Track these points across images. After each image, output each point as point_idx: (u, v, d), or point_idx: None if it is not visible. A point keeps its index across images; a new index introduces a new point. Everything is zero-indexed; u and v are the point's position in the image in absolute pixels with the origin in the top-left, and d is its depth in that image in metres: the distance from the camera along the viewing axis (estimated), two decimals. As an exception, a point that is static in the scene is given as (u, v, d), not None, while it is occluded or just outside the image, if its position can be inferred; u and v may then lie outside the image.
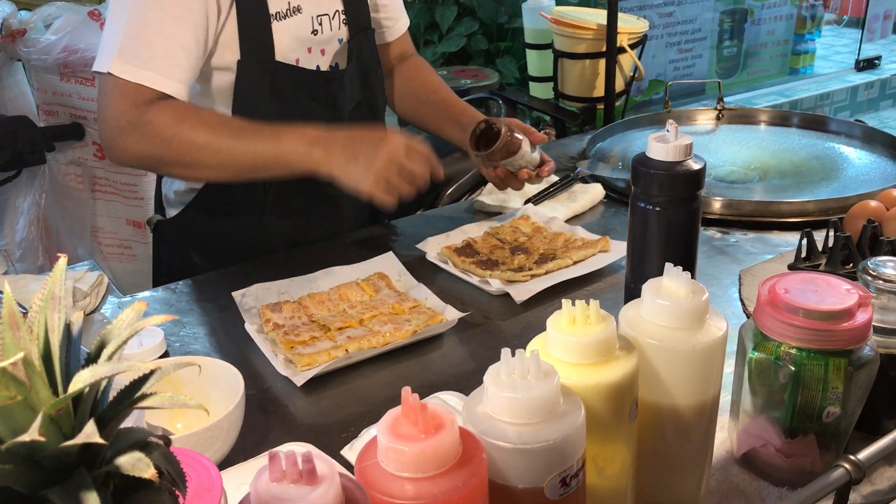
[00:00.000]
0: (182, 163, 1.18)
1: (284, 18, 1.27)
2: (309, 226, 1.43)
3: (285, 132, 1.19)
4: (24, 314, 0.43)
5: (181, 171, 1.23)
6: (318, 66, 1.35)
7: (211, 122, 1.19)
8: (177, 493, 0.44)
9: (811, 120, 1.90)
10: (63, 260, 0.45)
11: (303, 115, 1.32)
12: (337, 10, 1.36)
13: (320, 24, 1.33)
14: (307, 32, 1.31)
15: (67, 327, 0.44)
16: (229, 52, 1.24)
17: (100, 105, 1.19)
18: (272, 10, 1.25)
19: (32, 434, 0.36)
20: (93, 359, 0.43)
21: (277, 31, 1.26)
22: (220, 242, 1.41)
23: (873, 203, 1.13)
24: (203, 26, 1.19)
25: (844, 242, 0.98)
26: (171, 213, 1.43)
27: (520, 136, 1.34)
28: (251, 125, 1.20)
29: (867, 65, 5.26)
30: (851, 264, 0.98)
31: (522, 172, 1.37)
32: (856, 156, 1.73)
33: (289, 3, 1.27)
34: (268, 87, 1.27)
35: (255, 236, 1.39)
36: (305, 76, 1.32)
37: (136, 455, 0.40)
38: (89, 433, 0.38)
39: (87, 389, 0.41)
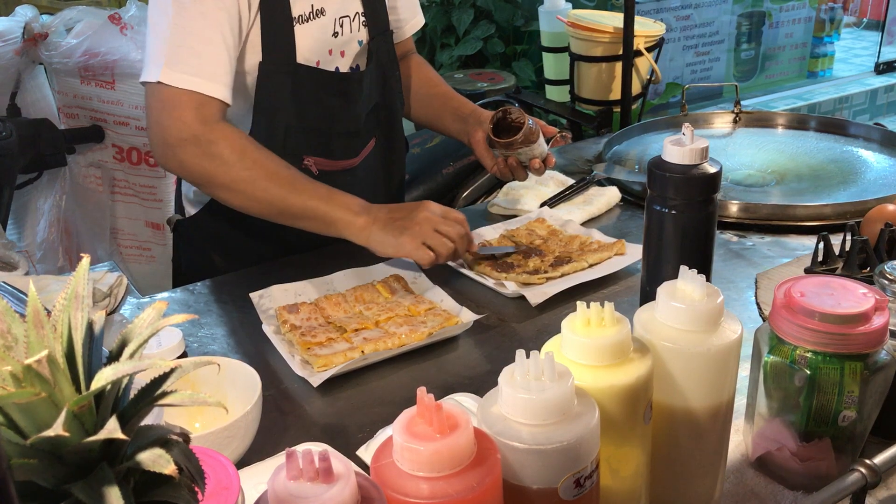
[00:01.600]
0: (233, 189, 1.20)
1: (307, 21, 1.28)
2: None
3: (337, 196, 1.22)
4: (47, 314, 0.43)
5: (226, 195, 1.23)
6: (337, 68, 1.36)
7: (271, 164, 1.21)
8: (196, 489, 0.45)
9: (829, 123, 1.89)
10: (86, 260, 0.46)
11: (321, 115, 1.33)
12: (357, 13, 1.37)
13: (341, 26, 1.34)
14: (328, 35, 1.32)
15: (90, 326, 0.44)
16: (252, 55, 1.26)
17: (156, 115, 1.20)
18: (295, 13, 1.26)
19: (56, 430, 0.37)
20: (114, 357, 0.44)
21: (300, 33, 1.28)
22: (239, 242, 1.42)
23: (891, 207, 1.13)
24: (238, 30, 1.21)
25: (861, 246, 0.98)
26: (191, 212, 1.45)
27: (538, 133, 1.37)
28: (305, 178, 1.23)
29: (887, 68, 5.21)
30: (868, 268, 0.98)
31: (534, 162, 1.39)
32: (874, 159, 1.71)
33: (311, 5, 1.29)
34: (289, 89, 1.29)
35: (273, 236, 1.40)
36: (325, 78, 1.33)
37: (157, 451, 0.41)
38: (111, 429, 0.39)
39: (108, 387, 0.42)
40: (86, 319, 0.44)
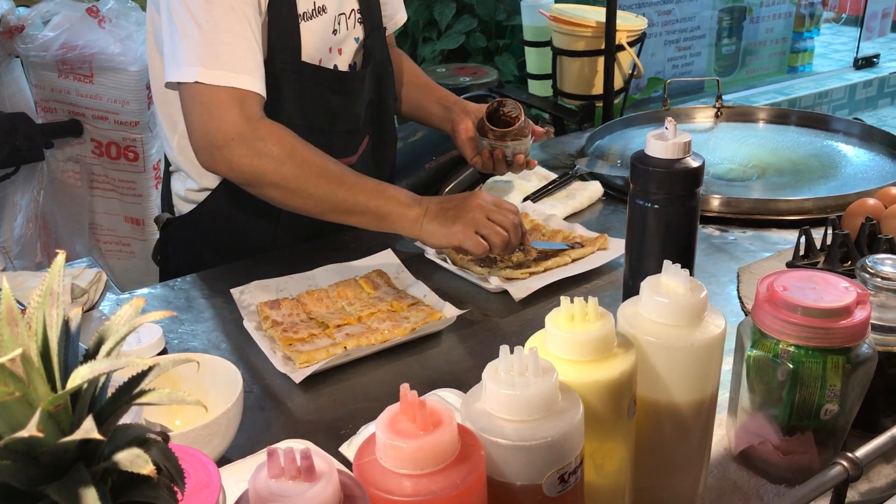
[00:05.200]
0: (282, 187, 1.18)
1: (311, 19, 1.27)
2: (322, 222, 1.43)
3: (390, 190, 1.21)
4: (23, 310, 0.42)
5: (275, 193, 1.20)
6: (336, 66, 1.35)
7: (321, 159, 1.19)
8: (175, 489, 0.44)
9: (809, 118, 1.90)
10: (61, 256, 0.45)
11: (324, 114, 1.32)
12: (353, 10, 1.36)
13: (339, 23, 1.33)
14: (329, 32, 1.32)
15: (66, 323, 0.43)
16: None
17: (198, 118, 1.16)
18: (300, 10, 1.25)
19: (31, 430, 0.36)
20: (91, 355, 0.43)
21: (304, 31, 1.26)
22: (235, 238, 1.40)
23: (871, 201, 1.14)
24: (259, 24, 1.20)
25: (843, 240, 0.99)
26: (183, 210, 1.42)
27: (530, 127, 1.38)
28: (354, 174, 1.21)
29: (866, 63, 5.26)
30: (850, 262, 0.99)
31: (518, 157, 1.39)
32: (854, 154, 1.73)
33: (314, 2, 1.27)
34: (294, 87, 1.28)
35: (269, 231, 1.39)
36: (328, 76, 1.32)
37: (135, 451, 0.40)
38: (88, 429, 0.38)
39: (85, 385, 0.41)
40: (61, 317, 0.43)
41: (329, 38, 1.32)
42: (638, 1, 4.15)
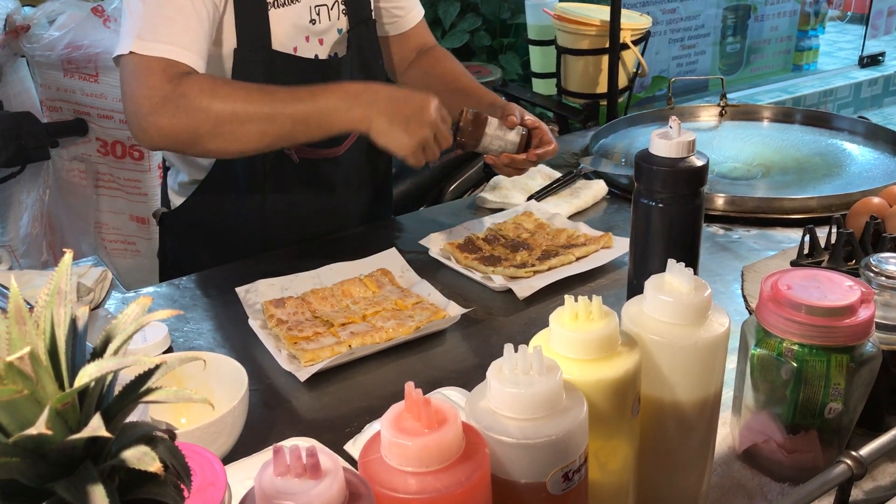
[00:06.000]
0: (219, 133, 1.14)
1: (282, 6, 1.27)
2: (310, 217, 1.43)
3: (322, 91, 1.17)
4: (30, 309, 0.43)
5: (219, 144, 1.16)
6: (316, 55, 1.35)
7: (245, 89, 1.17)
8: (182, 486, 0.44)
9: (814, 116, 1.90)
10: (69, 255, 0.45)
11: None
12: (336, 1, 1.36)
13: (318, 14, 1.33)
14: (305, 21, 1.31)
15: (73, 322, 0.44)
16: (228, 40, 1.24)
17: (127, 87, 1.16)
18: None
19: (39, 427, 0.37)
20: (98, 353, 0.44)
21: (275, 18, 1.26)
22: (224, 232, 1.41)
23: (876, 199, 1.13)
24: (213, 4, 1.19)
25: (847, 239, 0.98)
26: (177, 203, 1.43)
27: (485, 121, 1.29)
28: (286, 88, 1.17)
29: (871, 61, 5.25)
30: (854, 261, 0.99)
31: (503, 157, 1.32)
32: (859, 152, 1.72)
33: None
34: (264, 76, 1.26)
35: (258, 226, 1.39)
36: (302, 64, 1.32)
37: (142, 449, 0.41)
38: (95, 427, 0.38)
39: (92, 384, 0.41)
40: (69, 315, 0.44)
41: (305, 27, 1.31)
42: (642, -1, 4.14)
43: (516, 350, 0.58)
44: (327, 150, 1.39)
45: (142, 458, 0.40)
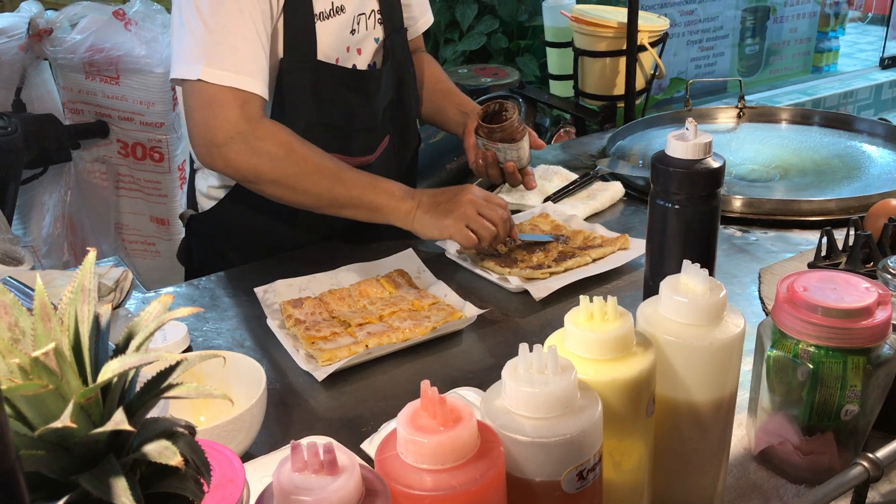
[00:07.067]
0: (280, 184, 1.22)
1: (328, 18, 1.29)
2: (341, 220, 1.44)
3: (382, 184, 1.25)
4: (53, 308, 0.44)
5: (273, 190, 1.24)
6: (354, 65, 1.36)
7: (317, 157, 1.23)
8: (201, 481, 0.45)
9: (833, 118, 1.88)
10: (92, 253, 0.46)
11: (341, 112, 1.33)
12: (373, 10, 1.38)
13: (358, 23, 1.35)
14: (347, 32, 1.33)
15: (96, 319, 0.45)
16: (273, 52, 1.26)
17: (200, 115, 1.19)
18: (316, 10, 1.27)
19: (64, 421, 0.38)
20: (121, 350, 0.45)
21: (321, 30, 1.28)
22: (255, 236, 1.42)
23: (895, 202, 1.13)
24: (269, 26, 1.22)
25: (865, 241, 0.98)
26: (205, 207, 1.45)
27: (525, 131, 1.36)
28: (350, 169, 1.26)
29: (892, 62, 5.19)
30: (872, 263, 0.98)
31: (508, 165, 1.38)
32: (878, 154, 1.71)
33: (332, 2, 1.29)
34: (309, 86, 1.29)
35: (288, 229, 1.41)
36: (345, 75, 1.34)
37: (163, 443, 0.42)
38: (118, 420, 0.39)
39: (115, 379, 0.42)
40: (92, 312, 0.45)
41: (347, 38, 1.34)
42: (660, 1, 4.13)
43: (531, 349, 0.59)
44: (361, 157, 1.41)
45: (163, 451, 0.41)
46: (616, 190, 1.57)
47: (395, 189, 1.25)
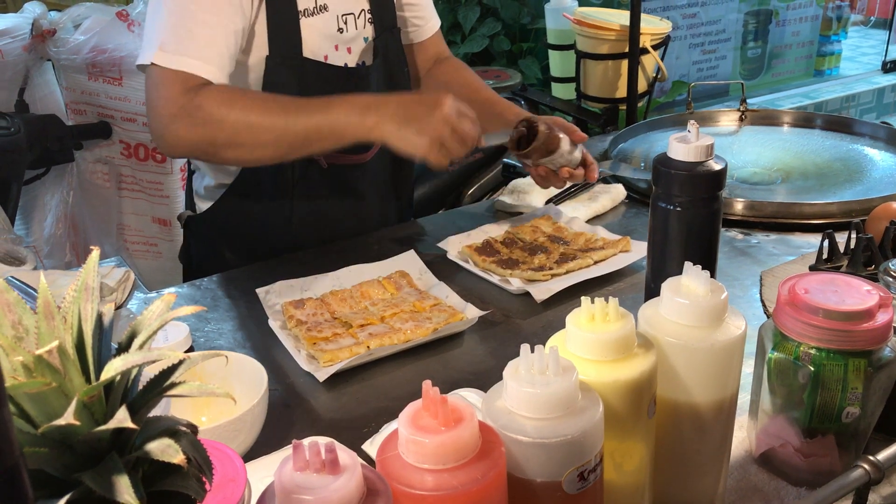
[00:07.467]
0: (235, 143, 1.18)
1: (312, 15, 1.29)
2: (337, 221, 1.44)
3: (336, 102, 1.19)
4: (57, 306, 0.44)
5: (234, 153, 1.20)
6: (345, 64, 1.37)
7: (261, 100, 1.20)
8: (203, 479, 0.45)
9: (835, 122, 1.88)
10: (96, 252, 0.46)
11: None
12: (363, 10, 1.38)
13: (345, 22, 1.35)
14: (333, 30, 1.33)
15: (99, 318, 0.45)
16: (258, 49, 1.26)
17: (148, 98, 1.20)
18: (300, 7, 1.27)
19: (67, 418, 0.38)
20: (124, 349, 0.45)
21: (305, 27, 1.28)
22: (250, 237, 1.42)
23: (896, 205, 1.13)
24: (241, 16, 1.21)
25: (866, 244, 0.98)
26: (202, 207, 1.45)
27: (560, 135, 1.31)
28: (300, 99, 1.19)
29: (894, 66, 5.19)
30: (873, 266, 0.98)
31: (563, 171, 1.33)
32: (880, 158, 1.71)
33: (315, 0, 1.29)
34: (295, 83, 1.29)
35: (284, 230, 1.41)
36: (332, 72, 1.33)
37: (166, 441, 0.42)
38: (121, 418, 0.39)
39: (118, 377, 0.42)
40: (95, 311, 0.45)
41: (334, 36, 1.33)
42: (662, 4, 4.13)
43: (533, 350, 0.59)
44: (356, 156, 1.41)
45: (165, 450, 0.41)
46: (618, 192, 1.57)
47: (355, 103, 1.17)
